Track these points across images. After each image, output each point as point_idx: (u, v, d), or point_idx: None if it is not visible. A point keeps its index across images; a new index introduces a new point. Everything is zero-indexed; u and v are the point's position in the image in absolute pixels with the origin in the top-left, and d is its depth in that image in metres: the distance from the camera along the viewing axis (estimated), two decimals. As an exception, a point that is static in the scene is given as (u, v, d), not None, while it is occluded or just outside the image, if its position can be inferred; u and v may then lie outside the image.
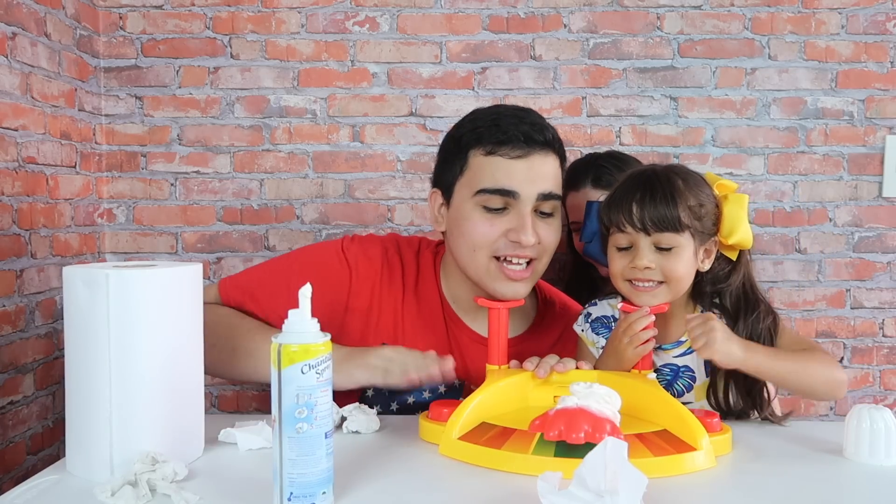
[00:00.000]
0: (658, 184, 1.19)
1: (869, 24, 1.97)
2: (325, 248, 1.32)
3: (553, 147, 1.22)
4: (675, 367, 1.25)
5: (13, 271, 1.60)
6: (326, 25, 1.99)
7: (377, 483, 0.90)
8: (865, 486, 0.95)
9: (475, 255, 1.19)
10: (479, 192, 1.18)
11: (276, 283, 1.28)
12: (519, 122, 1.19)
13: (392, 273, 1.28)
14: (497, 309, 1.16)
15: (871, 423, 1.00)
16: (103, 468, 0.90)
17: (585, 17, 1.99)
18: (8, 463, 1.57)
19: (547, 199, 1.20)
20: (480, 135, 1.19)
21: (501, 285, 1.20)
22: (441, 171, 1.26)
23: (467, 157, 1.20)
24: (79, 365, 0.92)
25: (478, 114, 1.25)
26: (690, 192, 1.19)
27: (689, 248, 1.19)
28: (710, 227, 1.21)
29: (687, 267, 1.19)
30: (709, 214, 1.20)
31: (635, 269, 1.18)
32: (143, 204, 2.01)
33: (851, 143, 2.00)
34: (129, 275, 0.90)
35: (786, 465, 0.99)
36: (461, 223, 1.20)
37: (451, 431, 1.02)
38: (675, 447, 0.97)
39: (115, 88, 1.99)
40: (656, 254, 1.18)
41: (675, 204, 1.17)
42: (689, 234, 1.18)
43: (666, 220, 1.16)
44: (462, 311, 1.28)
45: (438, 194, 1.26)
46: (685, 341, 1.23)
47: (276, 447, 0.80)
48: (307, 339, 0.80)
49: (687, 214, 1.17)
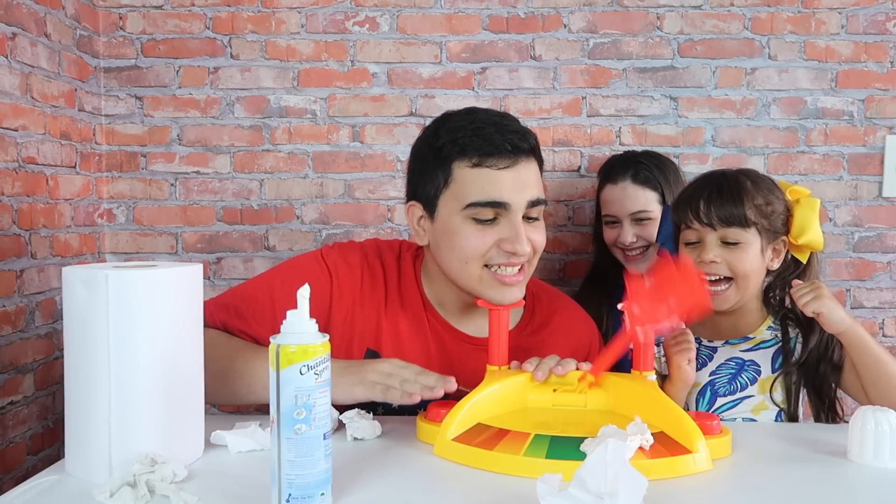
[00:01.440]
0: (726, 183, 1.27)
1: (869, 24, 1.97)
2: (305, 258, 1.30)
3: (535, 153, 1.20)
4: (741, 361, 1.29)
5: (13, 271, 1.60)
6: (326, 25, 1.99)
7: (376, 485, 0.91)
8: (869, 489, 0.94)
9: (467, 267, 1.17)
10: (470, 205, 1.15)
11: (261, 297, 1.26)
12: (503, 131, 1.16)
13: (374, 277, 1.26)
14: (497, 310, 1.16)
15: (876, 425, 0.99)
16: (102, 469, 0.90)
17: (585, 17, 1.99)
18: (8, 463, 1.57)
19: (535, 205, 1.19)
20: (464, 146, 1.15)
21: (497, 293, 1.17)
22: (419, 183, 1.21)
23: (451, 169, 1.16)
24: (78, 366, 0.92)
25: (455, 122, 1.20)
26: (758, 191, 1.26)
27: (755, 244, 1.25)
28: (778, 226, 1.27)
29: (753, 263, 1.25)
30: (777, 214, 1.26)
31: (702, 262, 1.25)
32: (143, 204, 2.01)
33: (851, 143, 2.00)
34: (129, 275, 0.90)
35: (789, 468, 0.99)
36: (451, 237, 1.17)
37: (445, 432, 1.03)
38: (671, 450, 0.97)
39: (115, 88, 1.99)
40: (722, 248, 1.25)
41: (741, 201, 1.24)
42: (755, 231, 1.24)
43: (732, 215, 1.23)
44: (446, 312, 1.27)
45: (419, 207, 1.22)
46: (753, 338, 1.30)
47: (275, 448, 0.80)
48: (305, 339, 0.80)
49: (753, 211, 1.24)
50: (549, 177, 2.01)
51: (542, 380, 1.12)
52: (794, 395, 1.28)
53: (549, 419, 1.08)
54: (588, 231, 2.00)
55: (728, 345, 1.31)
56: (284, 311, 0.81)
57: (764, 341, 1.31)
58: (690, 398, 1.30)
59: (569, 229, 2.03)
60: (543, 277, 2.02)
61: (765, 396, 1.27)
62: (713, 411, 1.28)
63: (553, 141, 2.01)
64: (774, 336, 1.31)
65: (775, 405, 1.27)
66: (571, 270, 2.03)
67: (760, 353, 1.30)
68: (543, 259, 2.01)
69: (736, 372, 1.29)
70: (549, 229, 2.00)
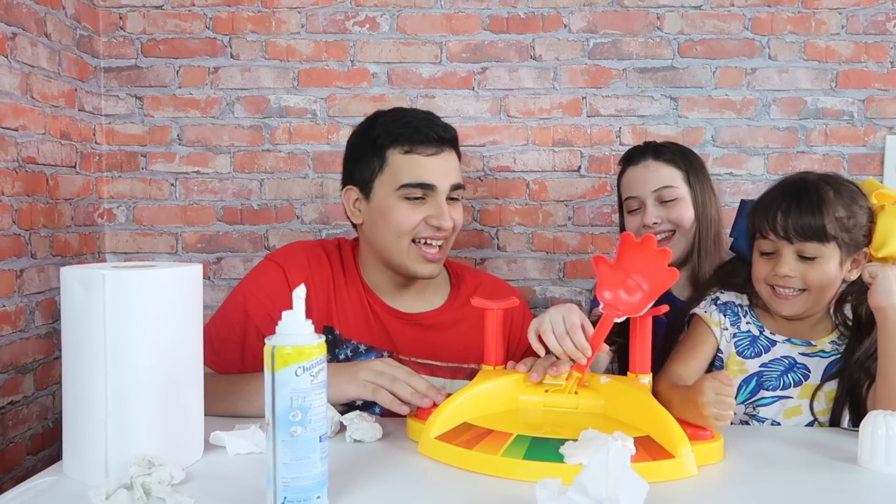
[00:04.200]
0: (806, 193, 1.20)
1: (869, 24, 1.97)
2: (256, 268, 1.42)
3: (455, 145, 1.39)
4: (793, 361, 1.27)
5: (13, 271, 1.60)
6: (326, 25, 1.99)
7: (373, 487, 0.90)
8: (880, 496, 0.92)
9: (399, 241, 1.34)
10: (403, 186, 1.32)
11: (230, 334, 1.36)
12: (430, 124, 1.35)
13: (320, 264, 1.40)
14: (492, 310, 1.16)
15: (887, 430, 0.97)
16: (98, 471, 0.90)
17: (585, 17, 1.99)
18: (8, 463, 1.57)
19: (456, 189, 1.37)
20: (397, 135, 1.33)
21: (420, 267, 1.35)
22: (355, 170, 1.38)
23: (385, 155, 1.34)
24: (75, 366, 0.92)
25: (388, 117, 1.38)
26: (841, 202, 1.19)
27: (833, 258, 1.19)
28: (860, 238, 1.20)
29: (830, 277, 1.20)
30: (859, 226, 1.20)
31: (776, 276, 1.21)
32: (143, 204, 2.02)
33: (851, 143, 2.00)
34: (126, 276, 0.90)
35: (798, 473, 0.98)
36: (386, 214, 1.34)
37: (429, 431, 1.03)
38: (653, 454, 0.96)
39: (115, 88, 1.99)
40: (799, 262, 1.20)
41: (821, 214, 1.17)
42: (834, 245, 1.18)
43: (810, 229, 1.17)
44: (381, 292, 1.41)
45: (355, 191, 1.39)
46: (815, 345, 1.27)
47: (270, 451, 0.79)
48: (301, 341, 0.80)
49: (833, 225, 1.17)
50: (550, 177, 2.01)
51: (537, 381, 1.12)
52: (840, 404, 1.24)
53: (538, 420, 1.08)
54: (589, 231, 2.00)
55: (789, 342, 1.28)
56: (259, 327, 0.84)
57: (824, 351, 1.27)
58: (735, 381, 1.24)
59: (569, 229, 2.03)
60: (544, 277, 2.02)
61: (804, 402, 1.24)
62: (751, 402, 1.27)
63: (553, 141, 2.01)
64: (835, 349, 1.27)
65: (812, 414, 1.25)
66: (571, 270, 2.03)
67: (815, 360, 1.26)
68: (544, 259, 2.02)
69: (784, 370, 1.26)
70: (549, 229, 2.02)
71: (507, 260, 2.04)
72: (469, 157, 2.01)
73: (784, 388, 1.26)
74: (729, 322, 1.32)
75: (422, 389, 1.12)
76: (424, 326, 1.41)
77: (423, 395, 1.11)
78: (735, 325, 1.31)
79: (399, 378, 1.14)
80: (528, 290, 2.03)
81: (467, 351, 1.39)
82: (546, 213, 2.03)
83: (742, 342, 1.30)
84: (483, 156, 2.01)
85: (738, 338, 1.31)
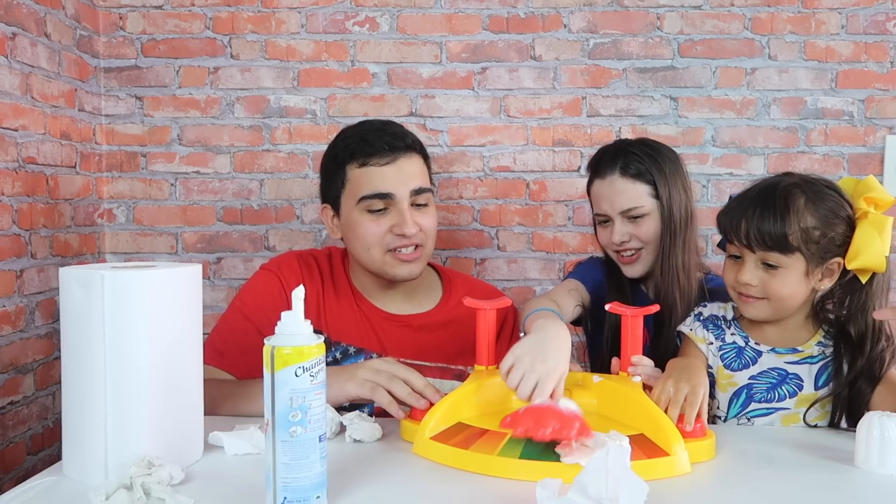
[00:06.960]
0: (772, 200, 1.16)
1: (869, 24, 1.97)
2: (252, 279, 1.46)
3: (415, 149, 1.39)
4: (784, 373, 1.25)
5: (13, 271, 1.60)
6: (326, 25, 1.99)
7: (373, 488, 0.90)
8: (875, 497, 0.91)
9: (370, 253, 1.36)
10: (362, 199, 1.34)
11: (232, 336, 1.38)
12: (382, 134, 1.36)
13: (310, 271, 1.44)
14: (484, 310, 1.16)
15: (882, 431, 0.96)
16: (98, 471, 0.90)
17: (585, 17, 1.99)
18: (8, 463, 1.58)
19: (419, 193, 1.37)
20: (353, 150, 1.36)
21: (399, 269, 1.37)
22: (326, 189, 1.43)
23: (345, 171, 1.37)
24: (74, 367, 0.92)
25: (346, 132, 1.42)
26: (812, 212, 1.15)
27: (797, 269, 1.17)
28: (833, 248, 1.17)
29: (792, 288, 1.19)
30: (831, 237, 1.16)
31: (738, 282, 1.21)
32: (143, 204, 2.02)
33: (851, 143, 1.99)
34: (125, 276, 0.90)
35: (795, 473, 0.98)
36: (353, 228, 1.37)
37: (423, 431, 1.03)
38: (648, 452, 0.96)
39: (115, 88, 1.99)
40: (761, 270, 1.19)
41: (784, 223, 1.14)
42: (799, 255, 1.16)
43: (772, 238, 1.15)
44: (368, 295, 1.44)
45: (329, 208, 1.43)
46: (801, 351, 1.25)
47: (270, 451, 0.79)
48: (300, 341, 0.80)
49: (797, 236, 1.14)
50: (549, 177, 2.01)
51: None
52: (840, 413, 1.21)
53: None
54: (588, 231, 2.00)
55: (774, 353, 1.26)
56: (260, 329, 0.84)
57: (811, 356, 1.25)
58: (725, 396, 1.27)
59: (569, 229, 2.03)
60: (544, 277, 2.02)
61: (800, 412, 1.23)
62: (745, 415, 1.26)
63: (553, 141, 2.01)
64: (822, 352, 1.25)
65: (807, 424, 1.22)
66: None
67: (805, 367, 1.24)
68: (544, 259, 2.02)
69: (777, 383, 1.25)
70: (549, 229, 2.02)
71: (507, 260, 2.04)
72: (469, 157, 2.01)
73: (780, 399, 1.24)
74: (713, 336, 1.30)
75: (419, 387, 1.12)
76: (414, 328, 1.42)
77: (420, 394, 1.11)
78: (720, 339, 1.30)
79: (397, 375, 1.14)
80: (528, 290, 2.03)
81: (456, 352, 1.39)
82: (546, 213, 2.03)
83: (728, 354, 1.29)
84: (483, 156, 2.01)
85: (724, 350, 1.29)
